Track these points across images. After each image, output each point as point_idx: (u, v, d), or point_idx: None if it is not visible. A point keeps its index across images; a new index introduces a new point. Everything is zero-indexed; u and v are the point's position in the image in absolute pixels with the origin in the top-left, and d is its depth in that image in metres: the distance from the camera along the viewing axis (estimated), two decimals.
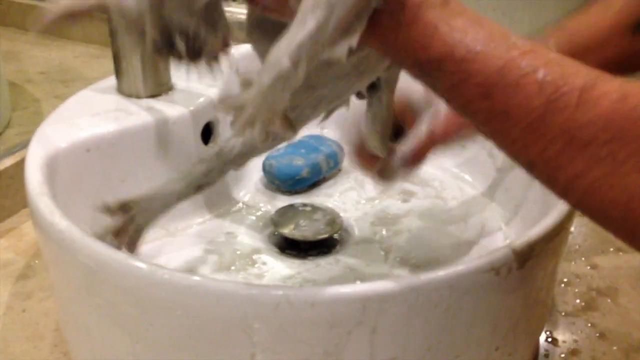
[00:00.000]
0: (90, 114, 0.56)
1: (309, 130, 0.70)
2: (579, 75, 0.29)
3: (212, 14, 0.36)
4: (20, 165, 0.67)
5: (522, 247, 0.40)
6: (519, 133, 0.30)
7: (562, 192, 0.30)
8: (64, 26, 0.36)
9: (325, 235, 0.58)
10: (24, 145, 0.70)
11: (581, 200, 0.29)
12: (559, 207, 0.44)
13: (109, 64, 1.05)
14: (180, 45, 0.35)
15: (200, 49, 0.36)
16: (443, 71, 0.31)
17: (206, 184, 0.50)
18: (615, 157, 0.27)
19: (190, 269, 0.54)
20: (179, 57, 0.36)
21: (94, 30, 1.10)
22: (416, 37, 0.31)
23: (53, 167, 0.50)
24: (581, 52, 0.45)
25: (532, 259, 0.41)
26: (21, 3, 1.16)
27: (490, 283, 0.39)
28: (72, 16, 0.36)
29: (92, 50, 1.08)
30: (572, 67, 0.30)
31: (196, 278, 0.37)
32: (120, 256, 0.38)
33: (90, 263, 0.39)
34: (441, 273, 0.37)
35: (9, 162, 0.68)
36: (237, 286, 0.36)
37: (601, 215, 0.29)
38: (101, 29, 1.07)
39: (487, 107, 0.30)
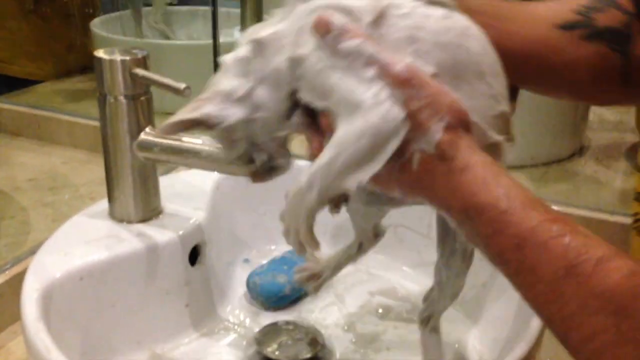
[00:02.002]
0: (84, 241, 0.59)
1: (289, 246, 0.73)
2: (600, 247, 0.33)
3: (285, 144, 0.46)
4: (9, 283, 0.69)
5: None
6: (542, 289, 0.33)
7: (573, 352, 0.33)
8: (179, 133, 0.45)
9: (308, 355, 0.60)
10: (13, 263, 0.72)
11: None
12: (528, 336, 0.47)
13: (97, 170, 1.08)
14: (259, 161, 0.46)
15: (271, 168, 0.47)
16: (485, 218, 0.35)
17: None
18: (619, 328, 0.30)
19: None
20: (253, 170, 0.47)
21: (81, 135, 1.14)
22: (467, 184, 0.36)
23: (48, 298, 0.52)
24: (505, 21, 0.47)
25: None
26: (10, 109, 1.21)
27: None
28: (184, 127, 0.44)
29: (79, 155, 1.11)
30: (595, 239, 0.33)
31: None
32: None
33: None
34: None
35: None
36: None
37: None
38: (88, 134, 1.12)
39: (518, 258, 0.34)
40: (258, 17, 1.33)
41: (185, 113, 0.43)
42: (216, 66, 0.47)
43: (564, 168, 1.03)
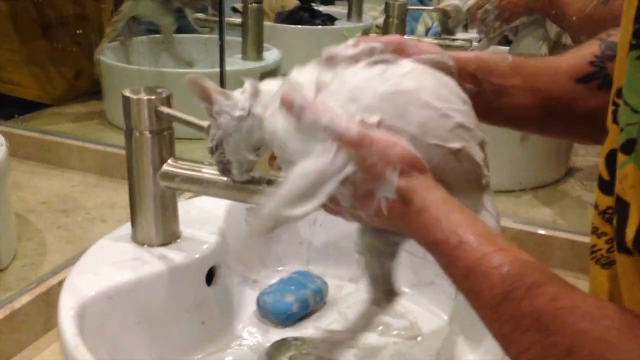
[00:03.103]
0: (111, 263, 0.64)
1: (296, 267, 0.79)
2: (533, 274, 0.39)
3: (245, 164, 0.56)
4: (35, 302, 0.74)
5: None
6: (486, 312, 0.40)
7: None
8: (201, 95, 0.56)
9: None
10: (38, 283, 0.77)
11: None
12: None
13: (106, 194, 1.12)
14: (215, 160, 0.57)
15: (228, 171, 0.57)
16: (439, 252, 0.42)
17: None
18: (543, 344, 0.36)
19: None
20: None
21: (90, 160, 1.18)
22: (423, 224, 0.43)
23: (82, 315, 0.57)
24: (532, 78, 0.54)
25: None
26: (22, 135, 1.25)
27: None
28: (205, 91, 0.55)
29: (89, 179, 1.15)
30: (530, 267, 0.39)
31: None
32: None
33: None
34: None
35: (25, 299, 0.74)
36: None
37: None
38: (98, 159, 1.17)
39: (467, 286, 0.41)
40: (259, 46, 1.40)
41: (212, 87, 0.55)
42: None
43: (551, 193, 1.09)
